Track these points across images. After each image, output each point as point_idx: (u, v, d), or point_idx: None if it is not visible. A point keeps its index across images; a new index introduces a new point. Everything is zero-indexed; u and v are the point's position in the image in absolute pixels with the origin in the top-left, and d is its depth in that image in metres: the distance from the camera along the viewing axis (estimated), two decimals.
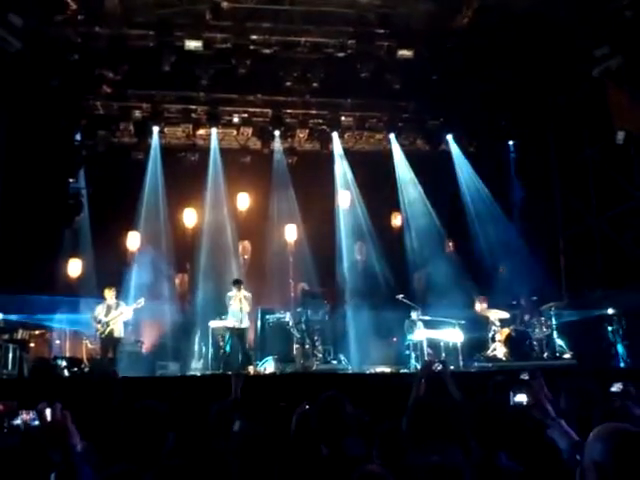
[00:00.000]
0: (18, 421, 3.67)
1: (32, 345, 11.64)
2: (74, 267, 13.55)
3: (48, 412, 3.13)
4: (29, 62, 12.30)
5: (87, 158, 14.15)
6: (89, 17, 12.41)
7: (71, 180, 13.65)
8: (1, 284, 12.05)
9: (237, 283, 11.96)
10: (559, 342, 11.84)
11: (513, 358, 11.46)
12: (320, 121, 15.01)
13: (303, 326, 12.10)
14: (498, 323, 12.10)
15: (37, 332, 12.04)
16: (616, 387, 4.83)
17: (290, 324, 12.23)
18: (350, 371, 11.37)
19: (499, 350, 11.70)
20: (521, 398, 4.06)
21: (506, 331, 11.96)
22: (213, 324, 11.99)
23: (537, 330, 11.91)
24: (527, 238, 14.00)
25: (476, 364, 11.41)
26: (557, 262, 14.11)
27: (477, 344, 12.10)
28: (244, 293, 11.83)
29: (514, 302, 12.70)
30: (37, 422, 3.27)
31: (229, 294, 11.89)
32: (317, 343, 11.97)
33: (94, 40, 12.79)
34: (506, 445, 3.53)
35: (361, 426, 4.21)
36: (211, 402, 4.90)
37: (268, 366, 11.32)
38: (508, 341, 11.80)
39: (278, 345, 11.94)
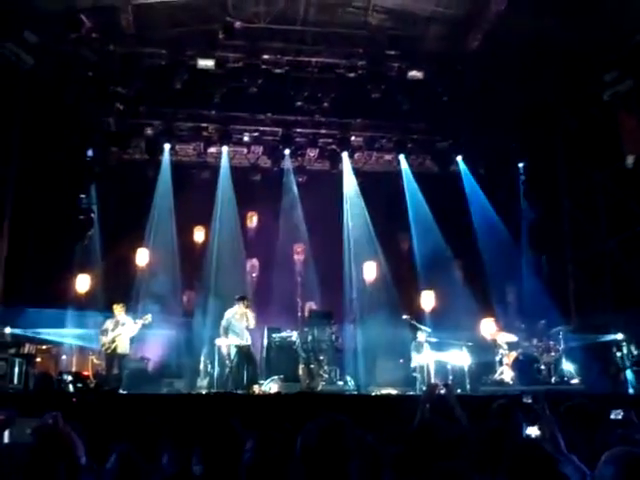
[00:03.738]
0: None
1: (38, 360, 11.63)
2: (83, 282, 13.59)
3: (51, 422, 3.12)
4: (43, 79, 12.45)
5: (98, 174, 14.23)
6: (104, 35, 12.58)
7: (82, 196, 13.71)
8: (11, 298, 12.13)
9: (242, 299, 11.96)
10: (567, 367, 11.72)
11: (520, 382, 11.27)
12: (330, 141, 15.05)
13: (309, 346, 12.03)
14: (506, 346, 11.96)
15: (44, 347, 12.04)
16: (615, 414, 4.75)
17: (296, 344, 12.16)
18: (356, 392, 11.29)
19: (506, 374, 11.56)
20: (532, 431, 4.00)
21: (514, 355, 11.80)
22: (219, 342, 11.95)
23: (545, 354, 11.77)
24: (536, 261, 13.92)
25: (483, 388, 11.29)
26: (566, 285, 14.01)
27: (485, 367, 11.98)
28: (248, 309, 11.79)
29: (522, 325, 12.60)
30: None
31: (231, 310, 11.87)
32: (323, 363, 11.87)
33: (108, 58, 12.98)
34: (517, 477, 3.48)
35: (364, 448, 4.16)
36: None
37: (273, 386, 11.25)
38: (516, 365, 11.64)
39: (284, 365, 11.86)
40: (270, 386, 11.26)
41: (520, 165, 15.24)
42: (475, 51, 13.15)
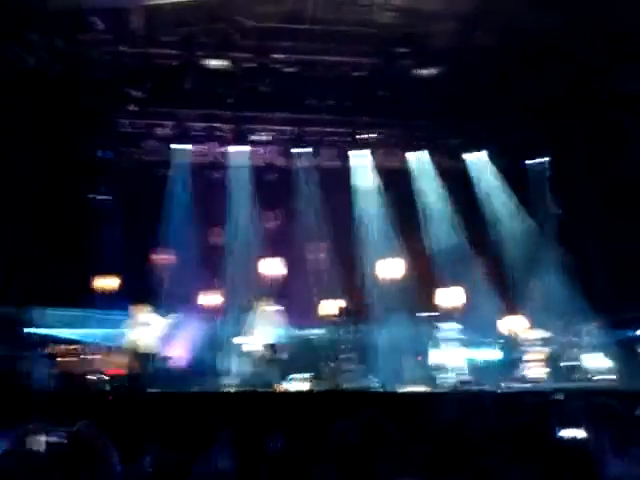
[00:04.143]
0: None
1: (62, 360, 11.70)
2: (105, 282, 13.69)
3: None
4: (55, 80, 12.48)
5: (113, 175, 14.30)
6: (115, 36, 12.56)
7: (97, 197, 13.76)
8: (33, 298, 12.20)
9: (262, 298, 12.08)
10: (594, 363, 11.52)
11: (547, 379, 11.19)
12: (343, 139, 15.05)
13: (332, 344, 12.04)
14: (532, 343, 11.84)
15: (67, 347, 12.10)
16: None
17: (318, 342, 12.16)
18: (380, 390, 11.20)
19: (533, 370, 11.45)
20: (576, 433, 3.91)
21: (540, 351, 11.69)
22: (240, 340, 11.96)
23: (572, 350, 11.64)
24: (561, 256, 13.76)
25: (509, 385, 11.15)
26: (592, 281, 13.81)
27: (510, 364, 11.85)
28: (268, 307, 11.84)
29: (548, 321, 12.44)
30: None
31: (255, 309, 11.87)
32: (345, 361, 11.85)
33: (120, 59, 12.97)
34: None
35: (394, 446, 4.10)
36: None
37: (297, 384, 11.21)
38: (543, 361, 11.53)
39: (306, 363, 11.88)
40: (293, 384, 11.23)
41: (544, 159, 15.09)
42: (489, 46, 12.97)
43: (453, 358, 11.38)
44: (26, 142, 12.46)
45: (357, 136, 15.00)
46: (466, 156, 15.31)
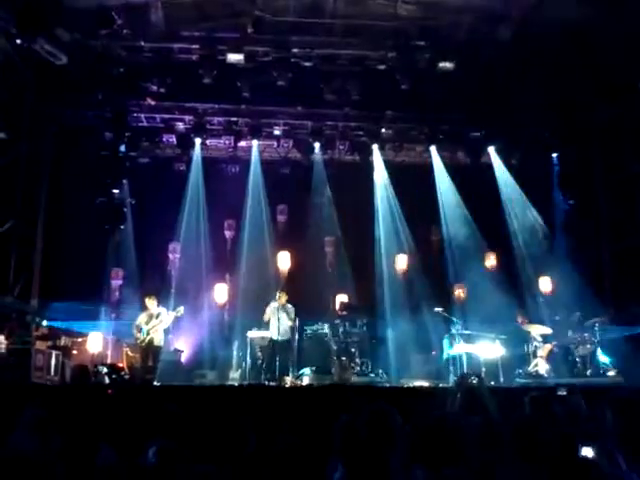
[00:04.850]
0: None
1: (74, 352, 11.88)
2: (117, 276, 13.82)
3: None
4: (75, 75, 12.62)
5: (130, 169, 14.41)
6: (134, 31, 12.69)
7: (115, 190, 13.89)
8: (47, 292, 12.38)
9: (279, 293, 12.10)
10: (603, 359, 11.52)
11: (555, 374, 11.16)
12: (360, 133, 15.04)
13: (341, 338, 12.08)
14: (540, 338, 11.82)
15: (79, 339, 12.28)
16: None
17: (328, 336, 12.21)
18: (387, 384, 11.26)
19: (541, 366, 11.43)
20: (588, 452, 3.92)
21: (548, 347, 11.69)
22: (251, 334, 12.04)
23: (580, 346, 11.59)
24: (571, 252, 13.71)
25: (517, 380, 11.18)
26: (602, 276, 13.78)
27: (518, 359, 11.83)
28: (282, 304, 11.89)
29: (557, 317, 12.42)
30: None
31: (271, 304, 11.99)
32: (355, 356, 11.91)
33: (138, 54, 13.11)
34: None
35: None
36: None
37: (305, 378, 11.29)
38: (550, 357, 11.53)
39: (315, 357, 11.91)
40: (302, 378, 11.31)
41: (554, 155, 15.03)
42: (507, 41, 12.92)
43: (463, 353, 11.36)
44: (47, 137, 12.63)
45: (374, 130, 14.93)
46: (480, 150, 15.19)
